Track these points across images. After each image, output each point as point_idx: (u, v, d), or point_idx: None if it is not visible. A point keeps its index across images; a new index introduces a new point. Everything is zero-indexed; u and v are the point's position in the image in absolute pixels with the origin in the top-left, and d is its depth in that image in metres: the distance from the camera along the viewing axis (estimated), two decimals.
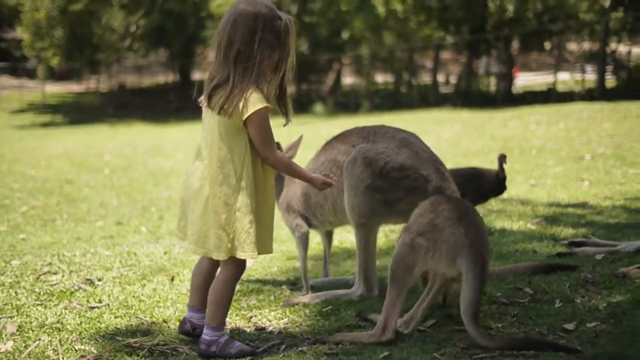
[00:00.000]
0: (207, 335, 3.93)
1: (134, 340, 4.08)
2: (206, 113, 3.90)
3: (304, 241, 5.17)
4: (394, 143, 4.67)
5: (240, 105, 3.73)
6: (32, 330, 4.28)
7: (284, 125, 4.00)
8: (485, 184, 6.83)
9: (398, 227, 7.13)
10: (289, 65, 3.87)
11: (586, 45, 34.15)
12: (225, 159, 3.82)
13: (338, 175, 4.75)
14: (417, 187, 4.57)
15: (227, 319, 4.25)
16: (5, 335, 4.21)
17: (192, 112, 32.23)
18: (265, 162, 3.91)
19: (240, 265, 3.96)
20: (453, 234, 3.80)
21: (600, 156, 12.25)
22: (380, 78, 41.59)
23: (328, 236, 5.55)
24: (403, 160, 4.59)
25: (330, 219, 5.05)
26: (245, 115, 3.74)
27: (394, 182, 4.57)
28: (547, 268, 4.94)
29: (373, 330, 3.92)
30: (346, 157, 4.74)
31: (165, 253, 6.52)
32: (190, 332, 4.13)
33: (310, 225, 5.19)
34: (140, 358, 3.81)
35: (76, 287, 5.29)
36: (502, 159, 6.81)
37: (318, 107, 36.03)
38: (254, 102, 3.74)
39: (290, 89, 4.03)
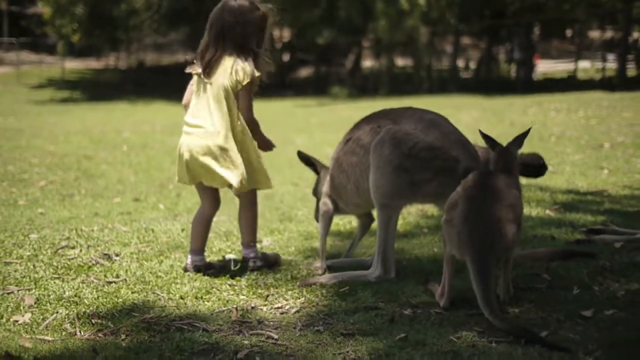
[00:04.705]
0: (252, 252, 5.13)
1: (150, 315, 4.09)
2: (200, 83, 4.96)
3: (325, 219, 5.18)
4: (422, 124, 4.63)
5: (241, 75, 4.82)
6: (50, 303, 4.31)
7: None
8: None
9: (415, 210, 7.15)
10: (266, 45, 5.00)
11: (608, 34, 33.95)
12: (233, 116, 4.85)
13: (361, 155, 4.76)
14: (447, 167, 4.53)
15: (244, 297, 4.55)
16: (24, 307, 4.24)
17: None
18: (247, 119, 4.95)
19: (255, 194, 5.13)
20: (458, 234, 3.91)
21: (620, 145, 12.19)
22: (400, 62, 41.42)
23: (364, 224, 5.50)
24: (432, 140, 4.55)
25: (353, 201, 5.02)
26: (245, 82, 4.83)
27: (423, 162, 4.53)
28: (566, 254, 4.92)
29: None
30: (369, 138, 4.71)
31: (182, 230, 6.53)
32: (201, 269, 5.08)
33: (337, 209, 5.21)
34: (157, 333, 3.81)
35: (94, 262, 5.32)
36: None
37: (337, 90, 35.93)
38: (250, 72, 4.84)
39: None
